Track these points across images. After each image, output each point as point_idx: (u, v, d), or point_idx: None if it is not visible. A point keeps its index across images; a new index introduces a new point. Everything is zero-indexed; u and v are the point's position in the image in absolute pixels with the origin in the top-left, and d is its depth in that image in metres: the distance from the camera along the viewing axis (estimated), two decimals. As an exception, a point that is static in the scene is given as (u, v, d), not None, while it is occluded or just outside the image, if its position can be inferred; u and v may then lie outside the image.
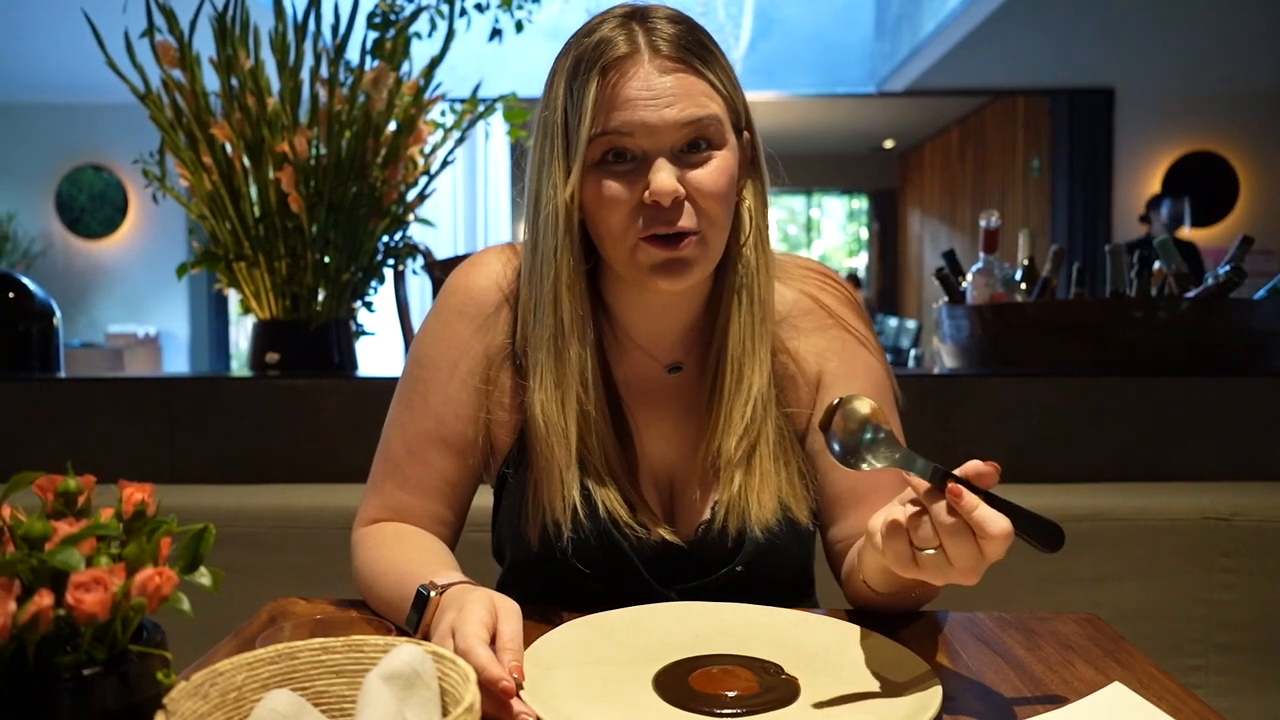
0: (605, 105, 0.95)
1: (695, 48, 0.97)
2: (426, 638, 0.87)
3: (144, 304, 7.71)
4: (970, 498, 0.76)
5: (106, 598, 0.53)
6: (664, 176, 0.94)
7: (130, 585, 0.54)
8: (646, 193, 0.95)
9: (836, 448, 0.83)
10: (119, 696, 0.56)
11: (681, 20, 0.99)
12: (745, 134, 1.03)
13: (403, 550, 1.04)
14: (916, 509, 0.80)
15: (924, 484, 0.79)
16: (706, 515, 1.06)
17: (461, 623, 0.80)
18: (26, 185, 7.63)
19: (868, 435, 0.83)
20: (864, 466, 0.83)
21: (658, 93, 0.94)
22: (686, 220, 0.96)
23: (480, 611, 0.81)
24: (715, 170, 0.97)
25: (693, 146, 0.96)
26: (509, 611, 0.83)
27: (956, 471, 0.78)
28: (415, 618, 0.90)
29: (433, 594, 0.89)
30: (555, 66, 1.01)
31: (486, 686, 0.75)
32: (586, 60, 0.96)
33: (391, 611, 0.98)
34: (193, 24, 1.96)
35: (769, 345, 1.06)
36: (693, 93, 0.95)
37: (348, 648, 0.66)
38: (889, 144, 11.80)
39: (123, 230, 7.72)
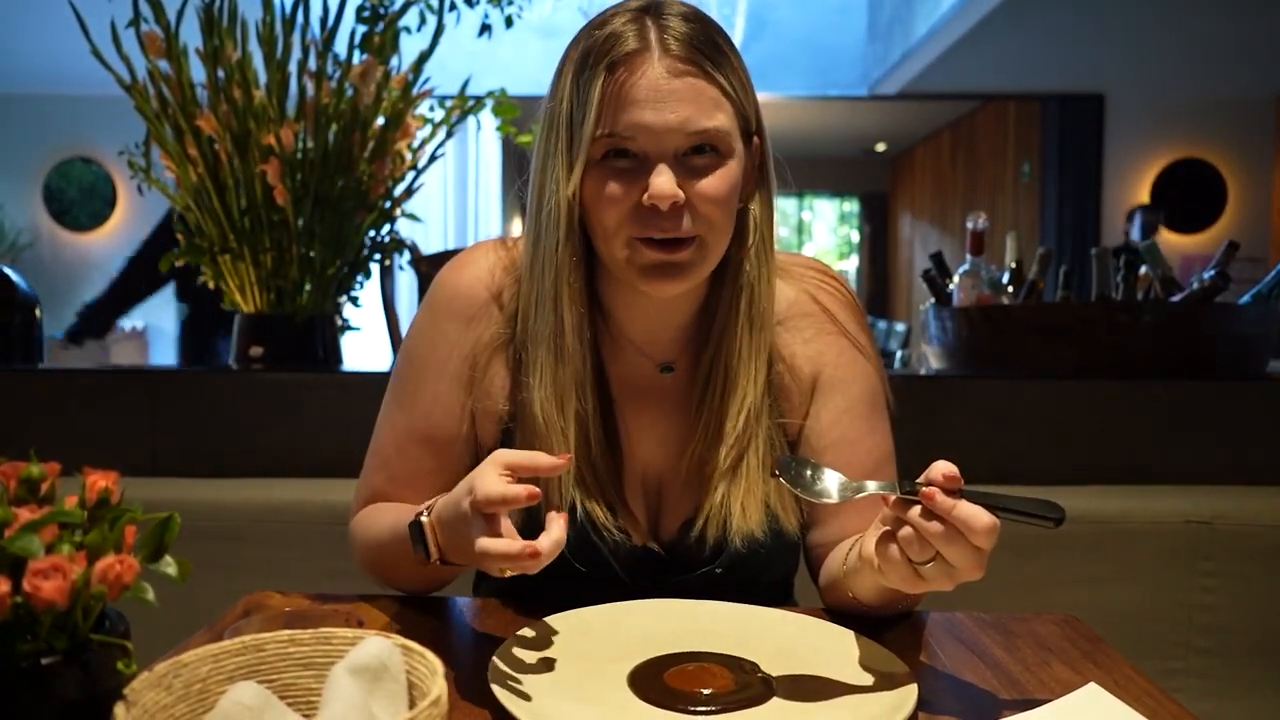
0: (610, 104, 0.93)
1: (708, 48, 0.95)
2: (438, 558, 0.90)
3: (132, 297, 7.65)
4: (944, 498, 0.78)
5: (65, 585, 0.52)
6: (663, 181, 0.92)
7: (91, 573, 0.54)
8: (645, 195, 0.93)
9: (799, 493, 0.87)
10: (80, 686, 0.55)
11: (696, 18, 0.96)
12: (755, 139, 1.01)
13: (402, 511, 1.04)
14: (894, 527, 0.82)
15: (893, 496, 0.81)
16: (688, 521, 1.05)
17: (478, 477, 0.81)
18: (14, 177, 7.58)
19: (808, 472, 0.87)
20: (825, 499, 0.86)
21: (664, 96, 0.92)
22: (685, 225, 0.94)
23: (492, 468, 0.82)
24: (718, 177, 0.95)
25: (697, 150, 0.95)
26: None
27: (920, 479, 0.80)
28: (419, 533, 0.90)
29: (430, 513, 0.90)
30: (565, 56, 0.99)
31: (546, 470, 0.81)
32: (595, 54, 0.94)
33: (399, 563, 0.98)
34: (179, 15, 1.94)
35: (766, 355, 1.04)
36: (700, 99, 0.93)
37: (316, 640, 0.65)
38: (880, 147, 11.81)
39: (111, 223, 7.68)
